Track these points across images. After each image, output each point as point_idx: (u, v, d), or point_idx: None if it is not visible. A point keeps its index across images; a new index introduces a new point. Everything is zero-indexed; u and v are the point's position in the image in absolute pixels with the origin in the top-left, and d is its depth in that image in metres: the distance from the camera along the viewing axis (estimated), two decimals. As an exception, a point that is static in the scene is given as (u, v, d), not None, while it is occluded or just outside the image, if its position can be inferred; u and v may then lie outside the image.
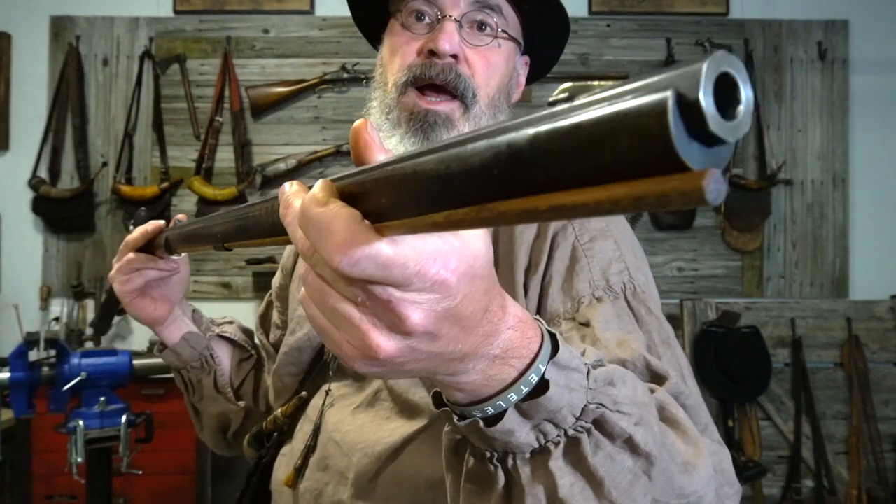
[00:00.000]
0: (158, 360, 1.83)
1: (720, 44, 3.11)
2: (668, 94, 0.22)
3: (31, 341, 1.66)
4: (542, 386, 0.43)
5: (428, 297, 0.36)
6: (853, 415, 2.90)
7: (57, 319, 2.97)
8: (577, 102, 0.24)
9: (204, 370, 0.99)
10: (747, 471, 2.78)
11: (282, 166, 3.03)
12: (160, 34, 3.12)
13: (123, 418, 1.68)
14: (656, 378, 0.62)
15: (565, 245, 0.74)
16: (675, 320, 2.95)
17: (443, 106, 0.78)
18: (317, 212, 0.34)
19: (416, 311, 0.36)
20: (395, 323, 0.36)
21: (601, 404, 0.46)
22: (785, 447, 2.90)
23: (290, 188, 0.39)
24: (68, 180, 3.08)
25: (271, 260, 2.97)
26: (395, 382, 0.77)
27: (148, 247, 0.88)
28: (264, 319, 1.10)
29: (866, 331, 2.96)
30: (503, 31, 0.82)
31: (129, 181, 3.06)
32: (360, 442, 0.76)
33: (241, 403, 1.02)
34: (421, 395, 0.74)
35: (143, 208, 1.08)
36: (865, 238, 3.13)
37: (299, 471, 0.81)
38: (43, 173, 3.06)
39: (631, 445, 0.47)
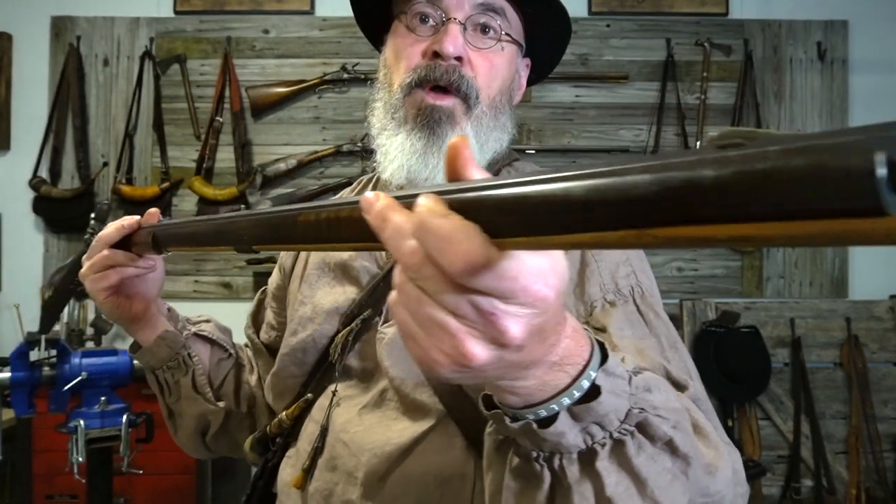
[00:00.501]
0: (159, 360, 1.84)
1: (720, 44, 3.12)
2: (881, 158, 0.24)
3: (31, 341, 1.66)
4: (592, 391, 0.46)
5: (527, 312, 0.38)
6: (852, 414, 2.90)
7: (57, 319, 2.97)
8: (769, 149, 0.26)
9: (181, 370, 0.96)
10: (747, 470, 2.78)
11: (282, 166, 3.04)
12: (160, 34, 3.12)
13: (124, 418, 1.69)
14: (676, 386, 0.65)
15: (574, 251, 0.74)
16: (674, 320, 2.93)
17: (446, 101, 0.80)
18: (439, 223, 0.36)
19: (517, 325, 0.38)
20: (494, 335, 0.38)
21: (643, 409, 0.50)
22: (784, 447, 2.91)
23: (379, 202, 0.40)
24: (69, 180, 3.08)
25: (271, 260, 2.97)
26: (402, 383, 0.77)
27: (123, 243, 0.85)
28: (256, 318, 1.09)
29: (866, 331, 2.96)
30: (506, 34, 0.83)
31: (129, 181, 3.07)
32: (369, 442, 0.76)
33: (221, 404, 0.99)
34: (427, 395, 0.76)
35: (105, 201, 1.04)
36: (865, 238, 3.13)
37: (308, 472, 0.81)
38: (43, 173, 3.06)
39: (671, 447, 0.51)
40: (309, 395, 0.87)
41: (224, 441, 1.03)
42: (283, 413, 0.88)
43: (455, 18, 0.80)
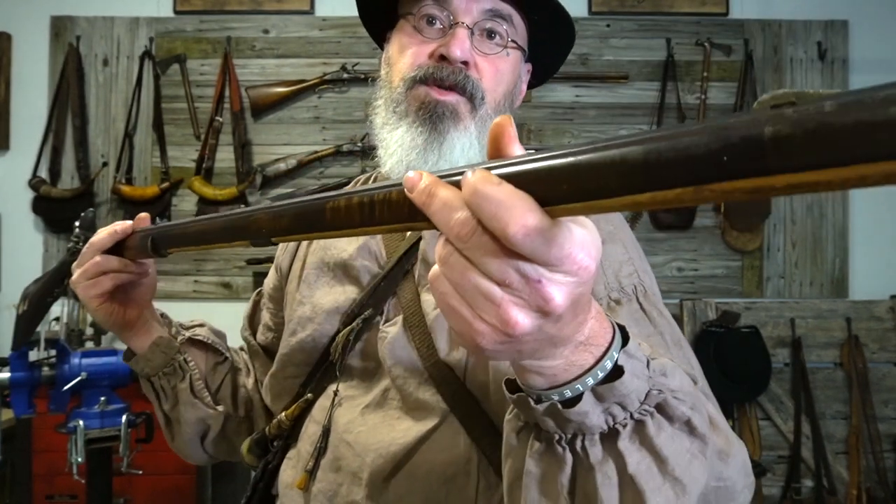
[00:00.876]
0: (159, 360, 1.84)
1: (720, 44, 3.11)
2: None
3: (31, 341, 1.66)
4: (615, 372, 0.47)
5: (571, 280, 0.39)
6: (853, 415, 2.90)
7: (57, 319, 2.97)
8: (824, 104, 0.28)
9: (177, 376, 0.95)
10: (747, 471, 2.78)
11: (282, 166, 3.03)
12: (160, 34, 3.12)
13: (124, 418, 1.68)
14: None
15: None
16: (675, 320, 2.94)
17: (451, 97, 0.80)
18: (495, 190, 0.37)
19: (560, 293, 0.39)
20: (539, 303, 0.39)
21: (661, 390, 0.51)
22: (785, 447, 2.90)
23: (423, 179, 0.40)
24: (68, 180, 3.08)
25: (271, 260, 2.97)
26: (405, 382, 0.77)
27: (115, 249, 0.84)
28: (252, 320, 1.07)
29: (866, 331, 2.96)
30: (512, 40, 0.84)
31: (129, 181, 3.07)
32: (373, 442, 0.76)
33: (220, 408, 0.98)
34: (430, 394, 0.76)
35: (90, 209, 1.03)
36: (865, 238, 3.13)
37: (311, 473, 0.81)
38: (43, 173, 3.06)
39: (689, 427, 0.52)
40: (309, 395, 0.86)
41: (223, 445, 1.02)
42: (283, 414, 0.87)
43: (463, 23, 0.80)
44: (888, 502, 2.87)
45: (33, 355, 1.66)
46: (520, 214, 0.36)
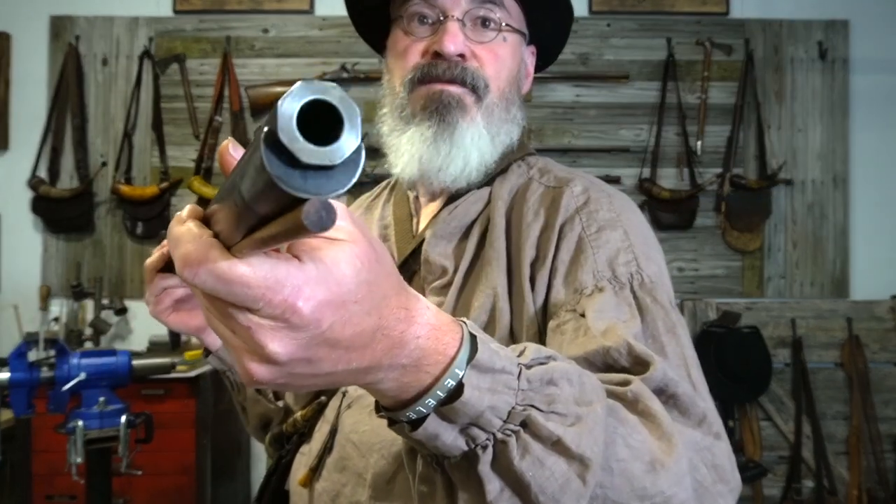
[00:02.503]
0: (158, 360, 1.84)
1: (720, 43, 3.11)
2: (262, 133, 0.27)
3: (30, 341, 1.66)
4: (461, 389, 0.44)
5: (282, 326, 0.36)
6: (853, 415, 2.90)
7: (56, 319, 2.97)
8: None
9: None
10: (747, 471, 2.78)
11: (282, 166, 3.03)
12: (160, 34, 3.11)
13: (123, 418, 1.68)
14: (639, 363, 0.60)
15: (572, 236, 0.74)
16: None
17: (454, 88, 0.79)
18: (173, 229, 0.38)
19: (274, 340, 0.36)
20: (256, 350, 0.37)
21: (531, 405, 0.46)
22: (785, 447, 2.90)
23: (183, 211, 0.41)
24: (68, 180, 3.08)
25: (271, 260, 2.97)
26: None
27: (171, 264, 0.85)
28: None
29: (867, 331, 2.96)
30: (507, 24, 0.82)
31: (128, 181, 3.06)
32: (376, 442, 0.75)
33: (280, 403, 0.98)
34: None
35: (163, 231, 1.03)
36: (866, 238, 3.13)
37: (315, 471, 0.80)
38: (42, 173, 3.06)
39: (561, 448, 0.46)
40: (322, 397, 0.86)
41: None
42: (298, 413, 0.88)
43: (453, 16, 0.79)
44: (889, 502, 2.86)
45: (32, 355, 1.66)
46: (184, 252, 0.35)
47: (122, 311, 2.98)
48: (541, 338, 0.70)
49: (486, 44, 0.81)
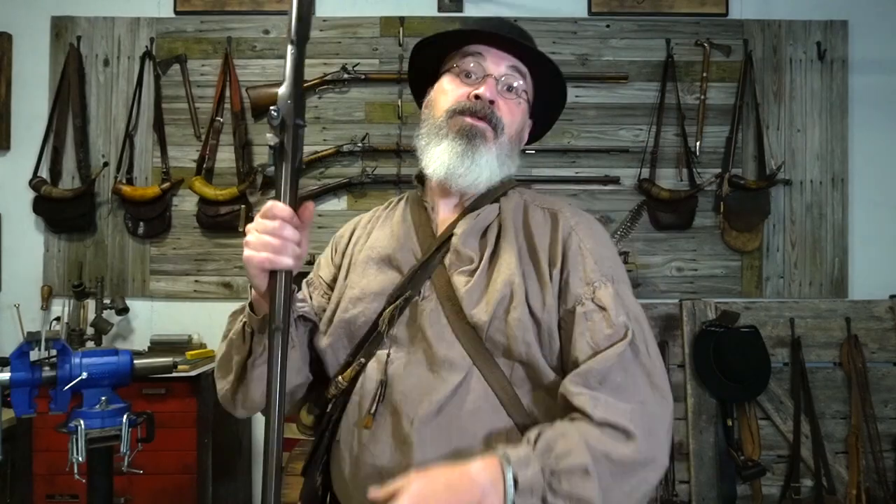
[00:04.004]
0: (159, 360, 1.85)
1: (719, 44, 3.12)
2: None
3: (32, 341, 1.67)
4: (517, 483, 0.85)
5: None
6: (852, 414, 2.91)
7: (58, 319, 2.98)
8: None
9: (291, 344, 1.08)
10: (746, 470, 2.79)
11: (282, 166, 3.03)
12: (161, 35, 3.12)
13: (124, 418, 1.69)
14: (623, 333, 0.98)
15: (574, 248, 1.05)
16: (674, 320, 2.95)
17: (482, 124, 1.09)
18: None
19: None
20: None
21: (552, 471, 0.86)
22: (784, 447, 2.91)
23: None
24: (69, 180, 3.09)
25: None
26: (439, 344, 1.01)
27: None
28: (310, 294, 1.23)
29: (865, 330, 2.97)
30: (524, 91, 1.14)
31: (129, 181, 3.07)
32: (421, 393, 0.99)
33: (310, 376, 1.16)
34: (459, 352, 1.00)
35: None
36: (864, 238, 3.14)
37: (373, 415, 1.02)
38: (44, 173, 3.07)
39: (585, 472, 0.87)
40: (362, 359, 1.06)
41: (297, 404, 1.21)
42: (339, 377, 1.08)
43: (493, 75, 1.11)
44: (888, 502, 2.87)
45: (34, 355, 1.67)
46: None
47: (123, 311, 2.99)
48: (554, 310, 1.02)
49: (508, 101, 1.12)
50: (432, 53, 1.19)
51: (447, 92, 1.12)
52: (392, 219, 1.18)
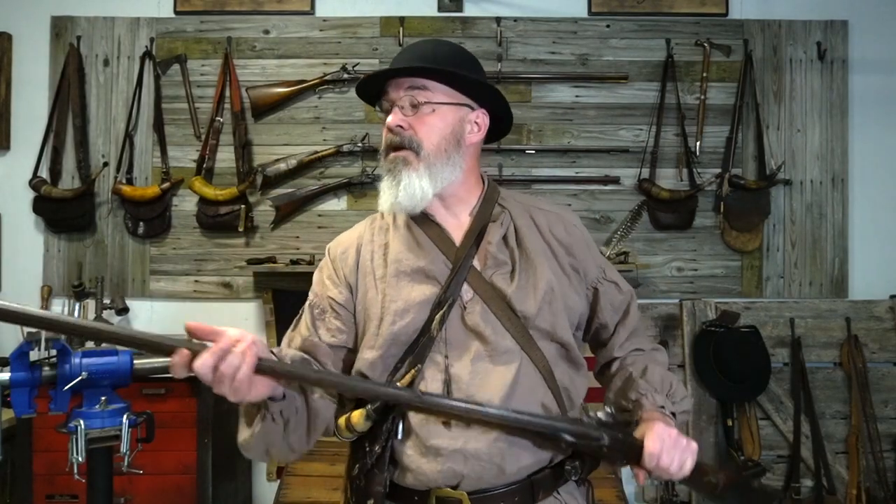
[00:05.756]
0: (159, 360, 1.84)
1: (719, 44, 3.12)
2: None
3: (32, 341, 1.67)
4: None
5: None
6: (852, 414, 2.91)
7: (58, 319, 2.97)
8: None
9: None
10: (746, 470, 2.78)
11: (282, 166, 3.04)
12: (161, 34, 3.12)
13: (124, 418, 1.69)
14: (631, 295, 1.35)
15: (579, 240, 1.29)
16: (674, 320, 2.95)
17: (401, 153, 1.21)
18: None
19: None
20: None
21: (671, 402, 1.23)
22: (784, 447, 2.91)
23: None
24: (69, 180, 3.08)
25: (271, 260, 2.98)
26: (492, 338, 1.16)
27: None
28: (314, 326, 1.26)
29: (865, 330, 2.97)
30: (426, 102, 1.21)
31: (129, 181, 3.07)
32: (487, 388, 1.14)
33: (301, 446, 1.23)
34: (510, 343, 1.17)
35: None
36: (864, 238, 3.14)
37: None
38: (44, 173, 3.06)
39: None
40: (418, 364, 1.15)
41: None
42: (399, 383, 1.15)
43: (394, 103, 1.22)
44: (888, 502, 2.87)
45: (34, 355, 1.66)
46: None
47: (123, 311, 2.99)
48: (578, 294, 1.27)
49: (416, 116, 1.21)
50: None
51: (382, 131, 1.26)
52: (401, 233, 1.27)
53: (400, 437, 1.15)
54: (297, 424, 1.16)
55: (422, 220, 1.26)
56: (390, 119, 1.22)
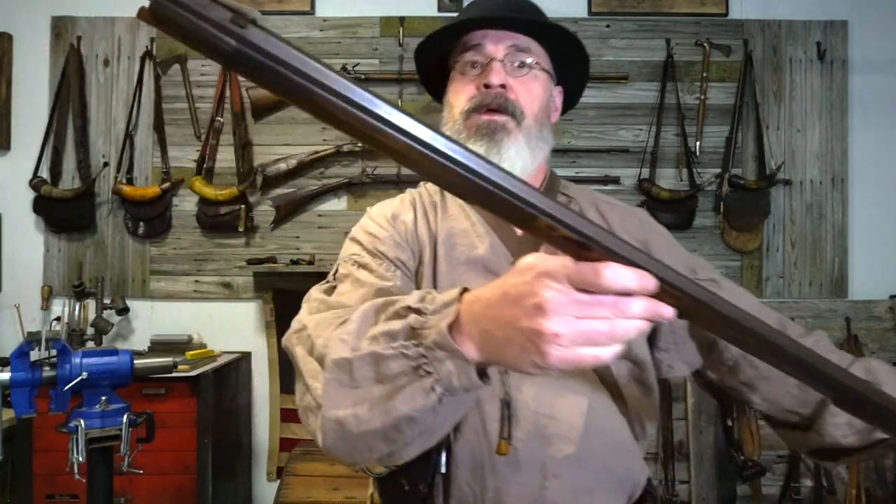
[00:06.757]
0: (159, 360, 1.85)
1: (719, 44, 3.12)
2: None
3: (32, 341, 1.67)
4: None
5: None
6: (852, 414, 2.90)
7: (58, 319, 2.98)
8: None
9: None
10: (746, 470, 2.79)
11: (282, 166, 3.04)
12: (161, 35, 3.12)
13: (124, 417, 1.69)
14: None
15: (659, 242, 1.09)
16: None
17: (499, 117, 1.02)
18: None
19: None
20: None
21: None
22: (784, 446, 2.91)
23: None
24: (69, 180, 3.09)
25: (271, 260, 2.98)
26: None
27: None
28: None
29: (865, 331, 2.97)
30: (536, 62, 1.07)
31: (130, 181, 3.07)
32: (566, 411, 0.94)
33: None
34: None
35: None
36: (864, 238, 3.14)
37: (508, 439, 0.91)
38: (44, 173, 3.07)
39: None
40: None
41: None
42: None
43: (496, 58, 1.04)
44: (887, 502, 2.87)
45: (34, 355, 1.67)
46: None
47: (123, 311, 2.99)
48: None
49: (520, 78, 1.05)
50: (436, 54, 1.14)
51: (457, 90, 1.07)
52: (453, 214, 1.07)
53: (444, 470, 0.94)
54: None
55: None
56: (492, 76, 1.02)
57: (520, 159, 1.02)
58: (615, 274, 0.53)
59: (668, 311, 0.55)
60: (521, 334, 0.57)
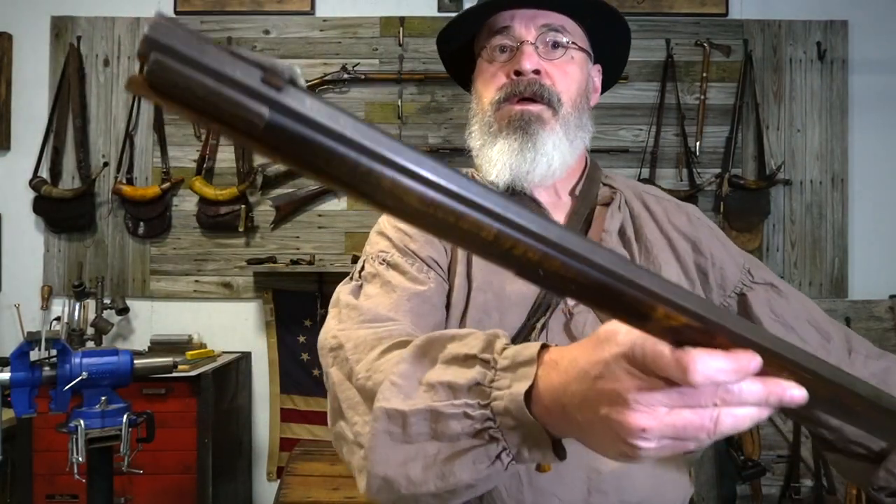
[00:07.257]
0: (159, 360, 1.85)
1: (719, 44, 3.12)
2: None
3: (32, 341, 1.67)
4: None
5: None
6: (852, 414, 2.90)
7: (58, 319, 2.98)
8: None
9: None
10: (746, 470, 2.79)
11: (283, 166, 3.04)
12: (161, 35, 3.12)
13: (124, 418, 1.69)
14: None
15: (714, 237, 1.03)
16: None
17: (533, 107, 0.92)
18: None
19: None
20: None
21: None
22: (784, 446, 2.91)
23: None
24: (69, 180, 3.09)
25: (271, 260, 2.98)
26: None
27: None
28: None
29: (865, 331, 2.96)
30: (572, 42, 0.95)
31: (130, 181, 3.07)
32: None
33: None
34: None
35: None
36: (864, 238, 3.14)
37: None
38: (44, 173, 3.07)
39: None
40: None
41: None
42: None
43: (526, 41, 0.93)
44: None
45: (34, 355, 1.67)
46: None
47: (123, 311, 2.99)
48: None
49: (555, 61, 0.94)
50: (460, 42, 1.04)
51: (486, 78, 0.97)
52: None
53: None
54: None
55: (510, 192, 0.94)
56: (523, 61, 0.91)
57: (558, 153, 0.92)
58: (706, 367, 0.42)
59: (798, 395, 0.44)
60: (602, 423, 0.48)
